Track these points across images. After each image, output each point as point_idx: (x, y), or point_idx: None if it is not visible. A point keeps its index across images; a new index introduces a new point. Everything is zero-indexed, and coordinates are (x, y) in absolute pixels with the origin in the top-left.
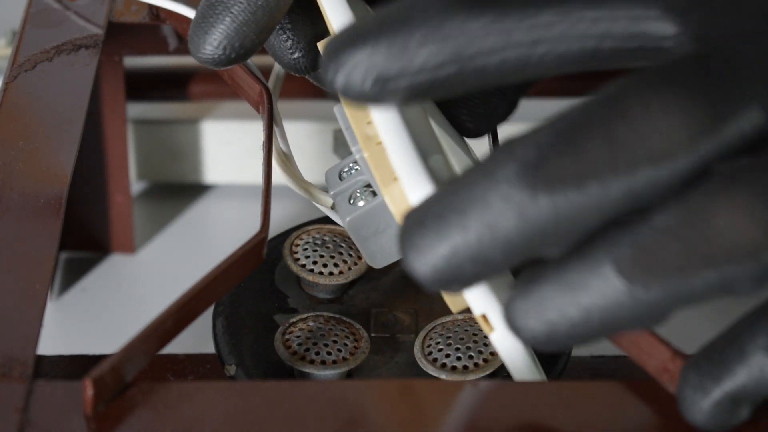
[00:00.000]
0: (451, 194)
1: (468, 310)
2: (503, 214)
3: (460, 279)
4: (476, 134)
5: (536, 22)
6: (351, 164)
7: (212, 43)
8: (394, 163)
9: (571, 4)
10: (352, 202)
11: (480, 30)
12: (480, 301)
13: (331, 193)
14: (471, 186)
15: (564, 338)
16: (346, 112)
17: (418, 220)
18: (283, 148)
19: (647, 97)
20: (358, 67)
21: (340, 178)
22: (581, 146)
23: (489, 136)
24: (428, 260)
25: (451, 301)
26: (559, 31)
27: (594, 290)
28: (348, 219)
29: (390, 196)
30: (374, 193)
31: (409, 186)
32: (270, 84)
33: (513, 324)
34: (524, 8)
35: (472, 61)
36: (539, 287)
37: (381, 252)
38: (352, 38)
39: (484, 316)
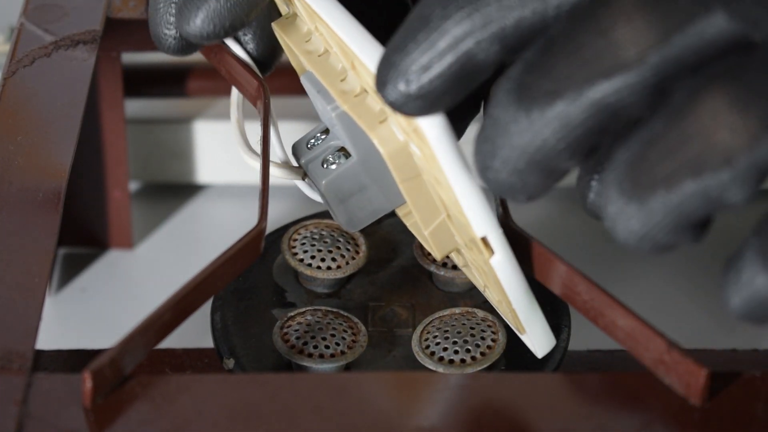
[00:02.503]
0: None
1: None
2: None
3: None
4: None
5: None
6: (318, 134)
7: (204, 20)
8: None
9: None
10: (325, 166)
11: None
12: (482, 223)
13: (302, 161)
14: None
15: None
16: (317, 76)
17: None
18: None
19: (606, 9)
20: (394, 79)
21: (308, 147)
22: (551, 65)
23: None
24: None
25: (438, 243)
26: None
27: (608, 215)
28: (324, 182)
29: (379, 138)
30: (347, 156)
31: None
32: None
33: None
34: None
35: (486, 28)
36: None
37: (358, 213)
38: (385, 58)
39: (484, 239)
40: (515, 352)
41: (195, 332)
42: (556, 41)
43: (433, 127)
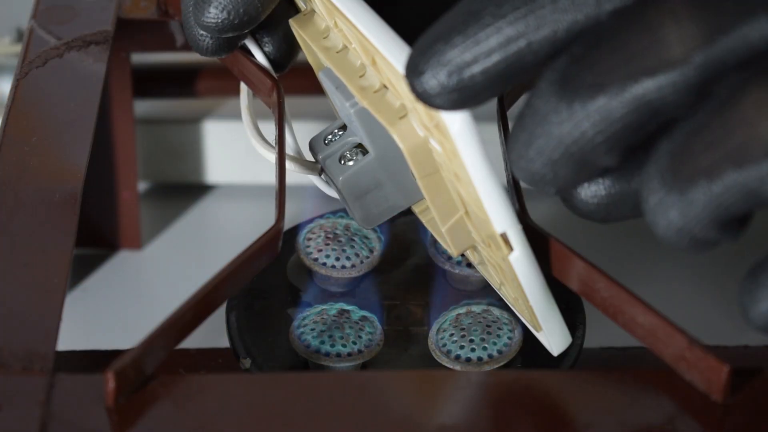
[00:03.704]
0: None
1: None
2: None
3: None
4: None
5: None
6: (335, 130)
7: (217, 7)
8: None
9: None
10: (342, 162)
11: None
12: (503, 219)
13: (320, 156)
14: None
15: None
16: (335, 72)
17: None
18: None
19: (654, 10)
20: (434, 69)
21: (326, 143)
22: (596, 59)
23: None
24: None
25: (455, 240)
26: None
27: (649, 207)
28: (341, 178)
29: (399, 134)
30: (364, 153)
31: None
32: None
33: None
34: None
35: (539, 31)
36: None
37: (374, 210)
38: (425, 48)
39: (503, 236)
40: (531, 349)
41: (207, 332)
42: (603, 36)
43: (456, 121)
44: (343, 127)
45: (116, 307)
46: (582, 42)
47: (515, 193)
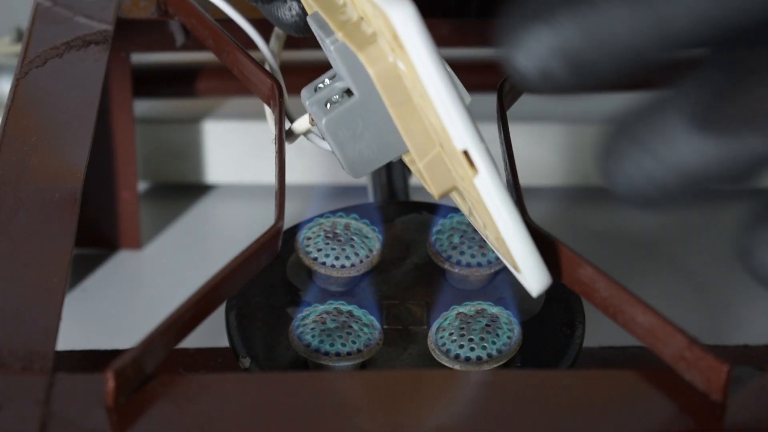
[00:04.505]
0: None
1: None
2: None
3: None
4: None
5: None
6: (326, 79)
7: None
8: None
9: None
10: (328, 106)
11: None
12: (463, 133)
13: (307, 103)
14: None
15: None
16: (320, 12)
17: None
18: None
19: None
20: (544, 49)
21: (315, 91)
22: (748, 93)
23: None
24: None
25: (434, 177)
26: None
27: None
28: (324, 120)
29: (367, 58)
30: (351, 96)
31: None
32: (271, 44)
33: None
34: None
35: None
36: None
37: (360, 158)
38: (533, 11)
39: (465, 153)
40: (531, 349)
41: (206, 332)
42: (756, 71)
43: (404, 16)
44: (335, 76)
45: (116, 307)
46: (724, 72)
47: (515, 193)
